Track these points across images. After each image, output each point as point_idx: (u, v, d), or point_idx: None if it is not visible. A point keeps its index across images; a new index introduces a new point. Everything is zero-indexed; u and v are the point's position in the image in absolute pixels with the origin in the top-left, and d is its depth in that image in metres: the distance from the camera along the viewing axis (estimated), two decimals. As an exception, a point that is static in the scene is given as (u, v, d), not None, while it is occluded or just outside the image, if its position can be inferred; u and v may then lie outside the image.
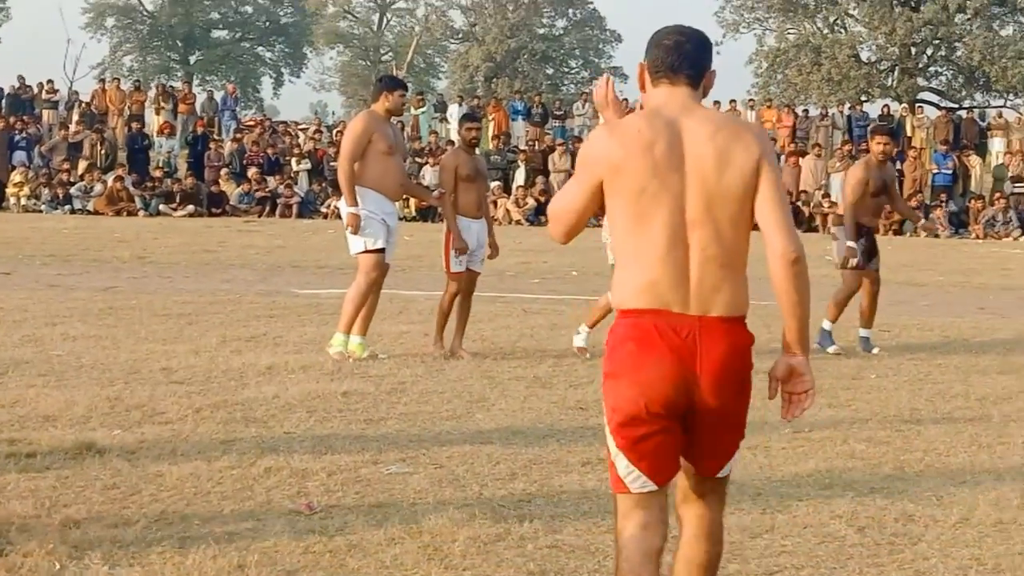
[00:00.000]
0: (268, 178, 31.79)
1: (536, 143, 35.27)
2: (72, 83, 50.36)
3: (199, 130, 34.10)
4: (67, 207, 29.80)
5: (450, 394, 8.88)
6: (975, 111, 42.19)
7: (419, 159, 32.93)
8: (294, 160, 33.01)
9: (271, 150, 33.39)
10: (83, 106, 36.42)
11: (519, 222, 30.59)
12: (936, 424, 8.36)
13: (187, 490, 6.25)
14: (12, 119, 33.60)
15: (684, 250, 3.81)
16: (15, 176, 30.71)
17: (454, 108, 37.53)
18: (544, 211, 31.35)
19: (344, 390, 8.82)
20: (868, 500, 6.40)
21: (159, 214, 29.66)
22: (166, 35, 71.55)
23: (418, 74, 71.47)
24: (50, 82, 37.38)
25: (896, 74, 52.54)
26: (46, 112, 36.15)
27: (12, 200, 30.36)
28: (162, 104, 36.33)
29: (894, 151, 11.71)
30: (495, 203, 31.07)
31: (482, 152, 33.52)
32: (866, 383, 9.87)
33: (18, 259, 18.39)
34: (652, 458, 3.86)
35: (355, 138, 10.19)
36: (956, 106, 43.44)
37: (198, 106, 37.79)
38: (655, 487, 3.88)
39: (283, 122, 41.28)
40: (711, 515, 4.06)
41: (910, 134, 36.54)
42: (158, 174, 31.60)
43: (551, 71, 66.92)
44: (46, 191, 30.25)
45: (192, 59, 72.49)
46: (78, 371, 9.30)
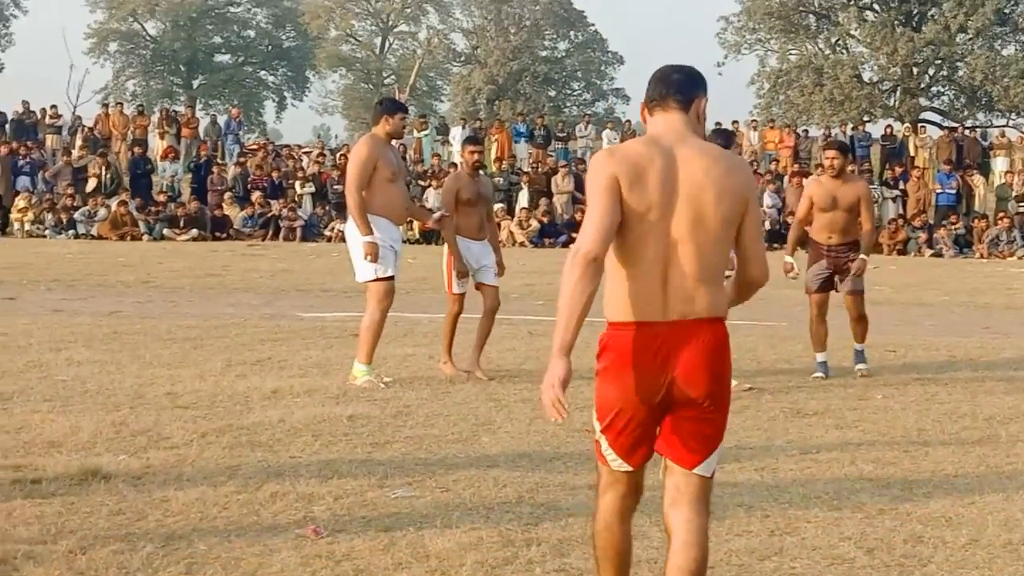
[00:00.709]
0: (272, 201, 31.81)
1: (539, 165, 35.28)
2: (75, 108, 50.37)
3: (203, 155, 34.16)
4: (71, 232, 29.84)
5: (456, 417, 8.86)
6: (978, 130, 42.20)
7: (422, 182, 32.96)
8: (298, 183, 33.05)
9: (275, 174, 33.43)
10: (86, 131, 36.46)
11: (523, 244, 30.57)
12: (944, 445, 8.33)
13: (193, 515, 6.23)
14: (16, 144, 33.63)
15: (665, 266, 4.24)
16: (19, 201, 30.75)
17: (456, 131, 37.57)
18: (548, 233, 31.61)
19: (350, 414, 8.80)
20: (877, 522, 6.38)
21: (163, 238, 29.69)
22: (169, 60, 71.79)
23: (420, 97, 71.60)
24: (54, 107, 37.44)
25: (898, 94, 52.66)
26: (50, 137, 36.21)
27: (16, 225, 30.41)
28: (166, 128, 36.38)
29: (846, 165, 11.39)
30: (499, 225, 31.07)
31: (487, 174, 33.65)
32: (873, 404, 9.85)
33: (22, 284, 18.40)
34: (628, 446, 4.37)
35: (361, 165, 10.07)
36: (958, 125, 43.44)
37: (201, 130, 37.85)
38: (630, 468, 4.40)
39: (286, 145, 41.30)
40: (696, 520, 4.35)
41: (913, 154, 36.56)
42: (162, 198, 31.64)
43: (553, 93, 67.09)
44: (50, 216, 30.28)
45: (195, 83, 72.74)
46: (83, 396, 9.28)
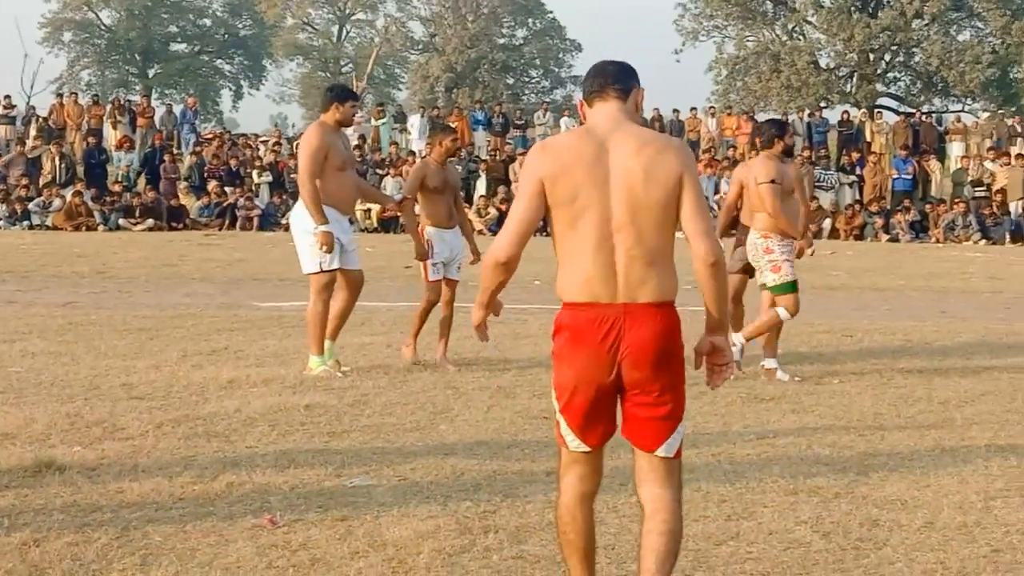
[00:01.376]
0: (228, 191, 31.64)
1: (497, 153, 35.25)
2: (30, 98, 50.10)
3: (155, 143, 33.92)
4: (25, 223, 29.54)
5: (413, 405, 8.84)
6: (933, 116, 42.42)
7: (380, 171, 32.86)
8: (255, 172, 32.88)
9: (232, 162, 33.26)
10: (41, 121, 36.14)
11: (481, 232, 30.51)
12: (900, 428, 8.38)
13: (148, 506, 6.19)
14: (-31, 135, 33.34)
15: (611, 250, 4.37)
16: (-28, 193, 30.47)
17: (415, 119, 37.51)
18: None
19: (307, 403, 8.76)
20: (833, 505, 6.41)
21: (119, 228, 29.46)
22: (124, 49, 71.17)
23: (378, 85, 71.40)
24: (7, 97, 37.08)
25: (855, 80, 52.85)
26: (3, 127, 35.82)
27: (-30, 217, 30.14)
28: (118, 118, 36.11)
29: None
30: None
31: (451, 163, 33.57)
32: (829, 388, 9.89)
33: (-24, 276, 18.24)
34: (584, 426, 4.48)
35: (313, 154, 9.89)
36: (915, 111, 43.67)
37: (157, 120, 37.59)
38: (588, 448, 4.51)
39: (243, 134, 41.09)
40: (664, 492, 4.48)
41: (870, 140, 36.72)
42: (117, 188, 31.41)
43: (511, 81, 66.95)
44: (3, 207, 29.97)
45: (151, 73, 72.14)
46: (37, 388, 9.21)
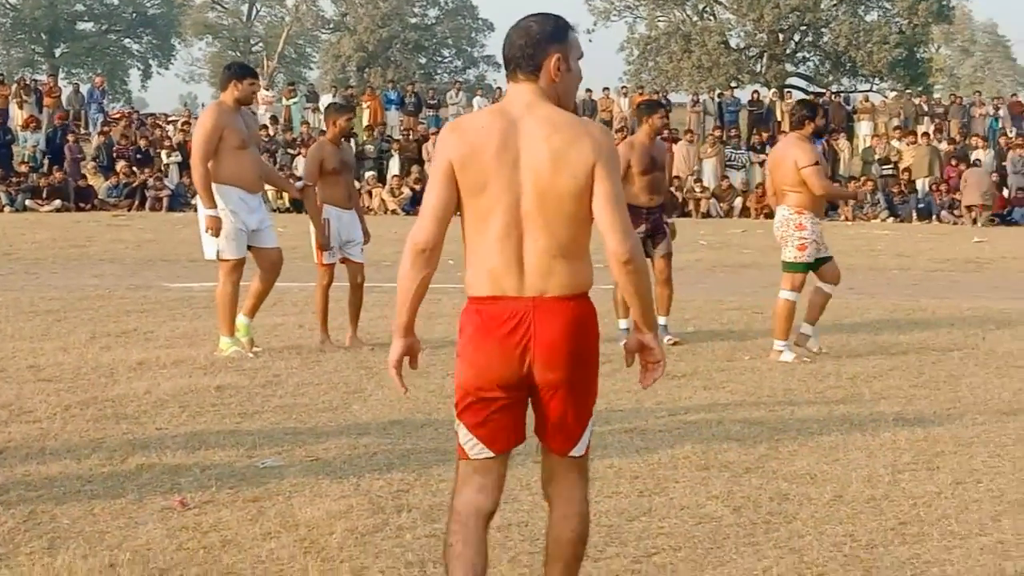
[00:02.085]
0: (137, 171, 31.24)
1: (410, 132, 35.17)
2: (-67, 78, 49.04)
3: (58, 123, 33.40)
4: (-71, 204, 29.05)
5: (326, 386, 8.80)
6: (842, 95, 42.90)
7: (291, 150, 32.65)
8: (164, 153, 32.53)
9: (143, 142, 32.86)
10: (-56, 101, 35.51)
11: (394, 211, 30.48)
12: (809, 404, 8.47)
13: (56, 489, 6.11)
14: None
15: (518, 240, 4.02)
16: None
17: (326, 98, 37.27)
18: (420, 200, 31.33)
19: (218, 384, 8.69)
20: (744, 480, 6.46)
21: (25, 210, 29.03)
22: (30, 28, 70.11)
23: (289, 64, 70.95)
24: (-91, 77, 36.42)
25: (765, 60, 53.32)
26: (-95, 108, 35.19)
27: None
28: (24, 98, 35.52)
29: (665, 127, 11.35)
30: (370, 193, 30.92)
31: (359, 143, 33.41)
32: (740, 365, 9.97)
33: None
34: (489, 429, 4.11)
35: (206, 136, 9.74)
36: (824, 91, 44.12)
37: (64, 99, 37.04)
38: (492, 455, 4.14)
39: (152, 114, 40.65)
40: (574, 492, 4.22)
41: (780, 119, 37.04)
42: (23, 169, 30.93)
43: (424, 60, 66.82)
44: (-94, 188, 29.46)
45: (57, 52, 71.14)
46: (-59, 371, 9.06)
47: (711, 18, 54.93)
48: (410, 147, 33.77)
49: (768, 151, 34.53)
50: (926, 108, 38.61)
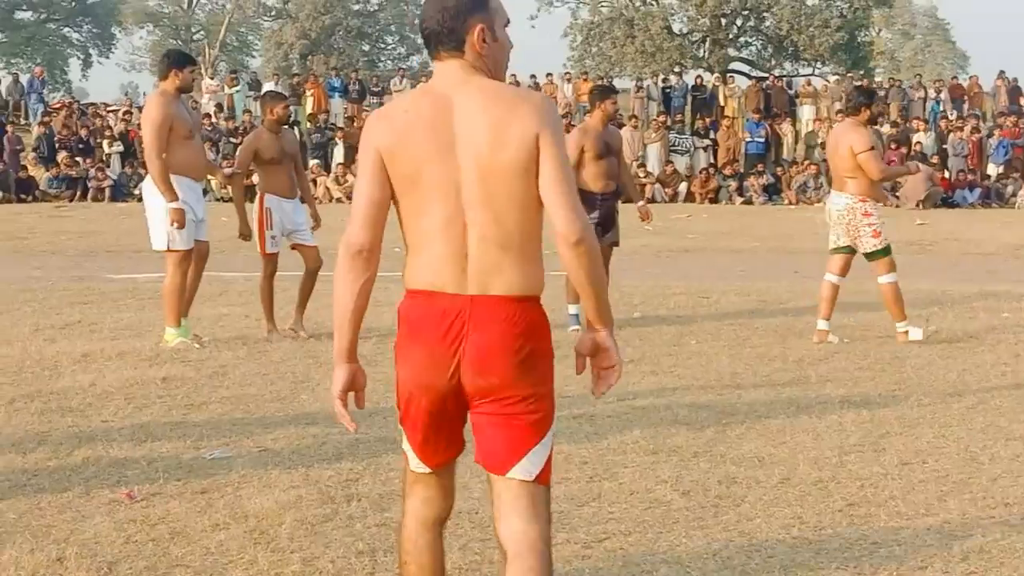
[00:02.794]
0: (79, 161, 30.97)
1: (354, 120, 35.03)
2: None
3: (-5, 114, 33.13)
4: None
5: (274, 376, 8.76)
6: (784, 80, 43.10)
7: (233, 139, 32.44)
8: (105, 143, 32.25)
9: (84, 131, 32.56)
10: None
11: (339, 200, 30.35)
12: (756, 387, 8.52)
13: (2, 484, 6.06)
14: None
15: (461, 231, 3.60)
16: None
17: (269, 86, 37.02)
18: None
19: (163, 376, 8.64)
20: (692, 464, 6.49)
21: (-36, 202, 28.73)
22: (-33, 17, 69.29)
23: (231, 52, 70.46)
24: None
25: (707, 45, 53.43)
26: None
27: None
28: (-38, 88, 35.19)
29: (616, 112, 11.36)
30: (315, 182, 30.78)
31: (304, 131, 33.25)
32: (687, 349, 10.01)
33: None
34: (423, 441, 3.77)
35: (157, 128, 9.65)
36: (766, 75, 44.32)
37: (3, 90, 36.65)
38: (427, 469, 3.80)
39: (93, 104, 40.26)
40: (527, 529, 3.66)
41: (723, 104, 37.20)
42: (-39, 161, 30.61)
43: (367, 47, 66.58)
44: None
45: (-5, 42, 70.32)
46: None
47: (654, 3, 54.98)
48: (354, 135, 33.58)
49: (712, 135, 34.77)
50: (867, 91, 38.82)
